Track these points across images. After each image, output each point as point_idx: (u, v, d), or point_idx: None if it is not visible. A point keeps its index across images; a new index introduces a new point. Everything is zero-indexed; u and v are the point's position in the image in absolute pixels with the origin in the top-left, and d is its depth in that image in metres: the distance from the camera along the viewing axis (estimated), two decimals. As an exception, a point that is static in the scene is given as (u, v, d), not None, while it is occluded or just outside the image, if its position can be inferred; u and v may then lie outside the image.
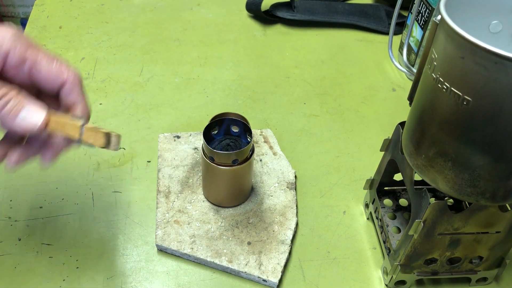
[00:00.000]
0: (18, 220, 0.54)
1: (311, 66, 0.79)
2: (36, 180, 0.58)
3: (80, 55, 0.78)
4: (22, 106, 0.36)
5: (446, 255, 0.46)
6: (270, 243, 0.52)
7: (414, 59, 0.76)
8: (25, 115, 0.36)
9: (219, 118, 0.52)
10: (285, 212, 0.55)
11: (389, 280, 0.49)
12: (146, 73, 0.75)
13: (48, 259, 0.51)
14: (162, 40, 0.82)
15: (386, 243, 0.51)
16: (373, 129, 0.69)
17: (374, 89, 0.76)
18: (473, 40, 0.32)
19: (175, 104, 0.70)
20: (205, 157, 0.51)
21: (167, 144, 0.62)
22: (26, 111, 0.36)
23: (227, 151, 0.50)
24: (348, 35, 0.87)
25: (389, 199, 0.56)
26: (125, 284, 0.49)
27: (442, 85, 0.36)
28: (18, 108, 0.36)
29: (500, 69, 0.32)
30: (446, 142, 0.38)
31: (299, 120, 0.69)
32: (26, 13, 1.53)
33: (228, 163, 0.50)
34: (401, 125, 0.47)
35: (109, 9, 0.89)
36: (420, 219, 0.42)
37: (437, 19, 0.37)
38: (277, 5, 0.88)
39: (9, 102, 0.35)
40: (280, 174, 0.59)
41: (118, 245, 0.52)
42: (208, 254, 0.51)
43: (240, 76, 0.76)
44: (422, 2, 0.72)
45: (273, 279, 0.49)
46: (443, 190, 0.40)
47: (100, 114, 0.67)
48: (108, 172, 0.60)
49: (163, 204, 0.55)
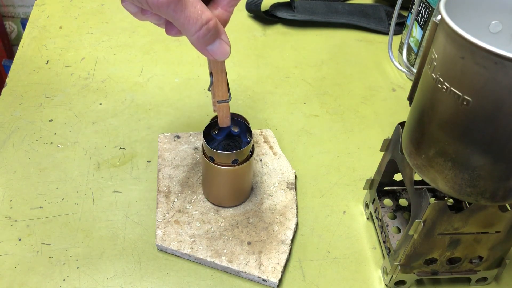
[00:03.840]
0: (18, 220, 0.54)
1: (311, 66, 0.79)
2: (36, 180, 0.58)
3: (80, 55, 0.78)
4: (218, 35, 0.39)
5: (446, 255, 0.46)
6: (270, 243, 0.52)
7: (414, 59, 0.76)
8: (218, 45, 0.39)
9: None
10: (285, 212, 0.55)
11: (389, 280, 0.49)
12: (146, 73, 0.75)
13: (48, 259, 0.51)
14: (162, 40, 0.82)
15: (386, 243, 0.51)
16: (373, 129, 0.69)
17: (374, 89, 0.76)
18: (473, 40, 0.32)
19: (175, 104, 0.70)
20: (205, 157, 0.51)
21: (167, 144, 0.62)
22: (218, 42, 0.39)
23: (227, 151, 0.49)
24: (348, 35, 0.87)
25: (389, 199, 0.56)
26: (125, 284, 0.49)
27: (442, 85, 0.36)
28: (215, 36, 0.39)
29: (500, 69, 0.32)
30: (446, 142, 0.38)
31: (299, 120, 0.69)
32: (26, 13, 1.53)
33: (228, 163, 0.50)
34: (401, 125, 0.47)
35: (109, 9, 0.89)
36: (420, 219, 0.42)
37: (437, 19, 0.37)
38: (277, 5, 0.88)
39: (210, 29, 0.38)
40: (280, 174, 0.59)
41: (118, 245, 0.52)
42: (208, 254, 0.51)
43: (240, 76, 0.76)
44: (422, 2, 0.72)
45: (273, 279, 0.49)
46: (443, 190, 0.40)
47: (100, 114, 0.67)
48: (108, 172, 0.60)
49: (163, 204, 0.55)
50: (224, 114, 0.47)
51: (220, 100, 0.46)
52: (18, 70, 0.74)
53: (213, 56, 0.40)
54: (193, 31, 0.38)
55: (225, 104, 0.46)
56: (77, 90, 0.71)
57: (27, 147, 0.62)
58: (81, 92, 0.71)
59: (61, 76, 0.73)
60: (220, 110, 0.47)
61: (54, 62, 0.76)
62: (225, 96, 0.46)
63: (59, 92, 0.71)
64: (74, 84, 0.72)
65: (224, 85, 0.45)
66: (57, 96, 0.70)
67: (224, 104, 0.46)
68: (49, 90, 0.71)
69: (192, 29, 0.37)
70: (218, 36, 0.39)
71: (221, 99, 0.46)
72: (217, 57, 0.40)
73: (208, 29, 0.38)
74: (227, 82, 0.45)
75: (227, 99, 0.46)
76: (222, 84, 0.45)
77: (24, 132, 0.64)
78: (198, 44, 0.39)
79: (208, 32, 0.38)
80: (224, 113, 0.47)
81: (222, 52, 0.40)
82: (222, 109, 0.47)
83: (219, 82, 0.44)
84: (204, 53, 0.40)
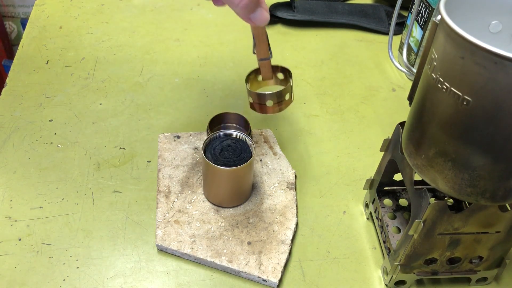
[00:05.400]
0: (18, 220, 0.54)
1: (311, 66, 0.79)
2: (36, 180, 0.58)
3: (80, 55, 0.78)
4: (258, 4, 0.44)
5: (446, 255, 0.46)
6: (270, 243, 0.52)
7: (414, 59, 0.76)
8: (259, 13, 0.45)
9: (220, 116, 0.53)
10: (285, 212, 0.55)
11: (389, 280, 0.49)
12: (146, 73, 0.75)
13: (48, 259, 0.51)
14: (162, 40, 0.82)
15: (386, 243, 0.51)
16: (373, 129, 0.69)
17: (374, 89, 0.76)
18: (473, 40, 0.32)
19: (175, 104, 0.70)
20: (206, 157, 0.51)
21: (167, 144, 0.62)
22: (259, 10, 0.45)
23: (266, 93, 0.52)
24: (348, 35, 0.87)
25: (389, 199, 0.56)
26: (125, 284, 0.49)
27: (442, 85, 0.36)
28: (256, 5, 0.44)
29: (500, 69, 0.32)
30: (446, 142, 0.38)
31: (299, 120, 0.69)
32: (26, 13, 1.53)
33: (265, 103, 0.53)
34: (401, 125, 0.47)
35: (109, 9, 0.89)
36: (420, 219, 0.42)
37: (437, 19, 0.37)
38: (277, 5, 0.88)
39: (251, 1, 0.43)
40: (280, 174, 0.59)
41: (118, 245, 0.52)
42: (208, 254, 0.51)
43: (240, 76, 0.76)
44: (422, 2, 0.72)
45: (273, 279, 0.49)
46: (443, 190, 0.40)
47: (100, 114, 0.67)
48: (108, 172, 0.60)
49: (163, 204, 0.55)
50: (267, 69, 0.54)
51: (262, 58, 0.52)
52: (18, 70, 0.74)
53: (255, 23, 0.45)
54: (237, 2, 0.43)
55: (267, 62, 0.53)
56: (77, 90, 0.71)
57: (27, 147, 0.62)
58: (81, 92, 0.71)
59: (61, 76, 0.73)
60: (263, 67, 0.54)
61: (54, 62, 0.76)
62: (266, 54, 0.52)
63: (59, 92, 0.71)
64: (74, 84, 0.72)
65: (265, 45, 0.51)
66: (57, 96, 0.70)
67: (266, 62, 0.53)
68: (49, 90, 0.71)
69: (236, 1, 0.43)
70: (259, 5, 0.45)
71: (263, 57, 0.52)
72: (258, 23, 0.46)
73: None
74: (268, 42, 0.51)
75: (268, 57, 0.52)
76: (263, 44, 0.51)
77: (24, 132, 0.64)
78: (242, 13, 0.44)
79: (250, 2, 0.43)
80: (266, 69, 0.54)
81: (262, 19, 0.45)
82: (264, 65, 0.53)
83: (260, 43, 0.51)
84: (247, 20, 0.45)
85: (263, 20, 0.46)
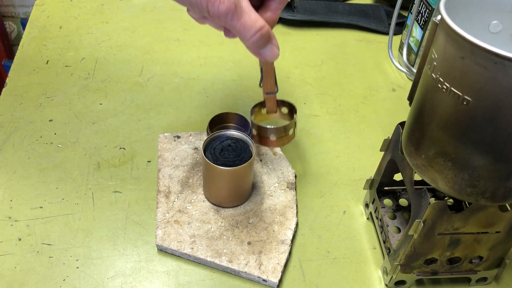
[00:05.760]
0: (18, 220, 0.54)
1: (311, 66, 0.79)
2: (36, 180, 0.58)
3: (80, 55, 0.78)
4: (270, 40, 0.45)
5: (446, 255, 0.46)
6: (270, 243, 0.52)
7: (414, 59, 0.76)
8: (269, 48, 0.45)
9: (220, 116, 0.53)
10: (285, 212, 0.55)
11: (389, 280, 0.49)
12: (146, 73, 0.75)
13: (48, 259, 0.51)
14: (162, 40, 0.82)
15: (386, 243, 0.51)
16: (373, 129, 0.69)
17: (374, 89, 0.76)
18: (473, 40, 0.32)
19: (175, 104, 0.70)
20: (206, 157, 0.51)
21: (167, 144, 0.62)
22: (270, 46, 0.45)
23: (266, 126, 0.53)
24: (348, 35, 0.87)
25: (389, 199, 0.56)
26: (125, 284, 0.49)
27: (442, 85, 0.36)
28: (267, 41, 0.44)
29: (500, 69, 0.32)
30: (446, 142, 0.38)
31: (299, 120, 0.69)
32: (26, 13, 1.53)
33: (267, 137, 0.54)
34: (401, 125, 0.47)
35: (109, 9, 0.89)
36: (420, 219, 0.42)
37: (437, 19, 0.37)
38: (277, 5, 0.88)
39: (263, 35, 0.43)
40: (280, 174, 0.59)
41: (118, 245, 0.52)
42: (208, 254, 0.51)
43: (240, 76, 0.76)
44: (422, 2, 0.72)
45: (273, 279, 0.49)
46: (443, 190, 0.40)
47: (100, 114, 0.67)
48: (108, 172, 0.60)
49: (163, 204, 0.55)
50: (272, 103, 0.55)
51: (268, 92, 0.53)
52: (18, 70, 0.74)
53: (265, 58, 0.46)
54: (248, 37, 0.43)
55: (273, 96, 0.54)
56: (77, 90, 0.71)
57: (27, 147, 0.62)
58: (81, 92, 0.71)
59: (61, 76, 0.73)
60: (268, 100, 0.55)
61: (54, 62, 0.76)
62: (273, 89, 0.53)
63: (59, 92, 0.71)
64: (74, 84, 0.72)
65: (272, 79, 0.52)
66: (57, 96, 0.70)
67: (272, 96, 0.54)
68: (49, 90, 0.71)
69: (247, 35, 0.43)
70: (270, 41, 0.45)
71: (269, 91, 0.53)
72: (268, 58, 0.46)
73: (261, 35, 0.43)
74: (275, 77, 0.52)
75: (274, 91, 0.54)
76: (270, 79, 0.52)
77: (24, 132, 0.64)
78: (252, 47, 0.44)
79: (261, 37, 0.43)
80: (271, 103, 0.55)
81: (273, 55, 0.46)
82: (270, 99, 0.55)
83: (268, 77, 0.52)
84: (257, 55, 0.46)
85: (273, 56, 0.46)
